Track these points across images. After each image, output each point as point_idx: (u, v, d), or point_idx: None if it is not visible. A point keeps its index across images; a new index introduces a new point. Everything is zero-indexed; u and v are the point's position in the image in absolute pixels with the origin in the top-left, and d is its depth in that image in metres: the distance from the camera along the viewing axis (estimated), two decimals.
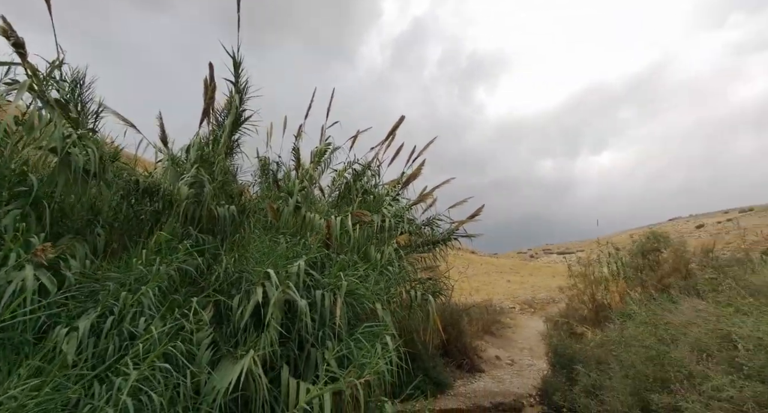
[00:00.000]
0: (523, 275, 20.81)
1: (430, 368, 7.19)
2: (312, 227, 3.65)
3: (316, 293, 2.82)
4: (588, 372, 5.45)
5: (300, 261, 2.87)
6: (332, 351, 2.48)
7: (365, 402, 2.60)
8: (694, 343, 3.68)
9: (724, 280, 3.81)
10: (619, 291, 10.14)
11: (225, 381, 2.02)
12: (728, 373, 3.06)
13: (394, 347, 2.94)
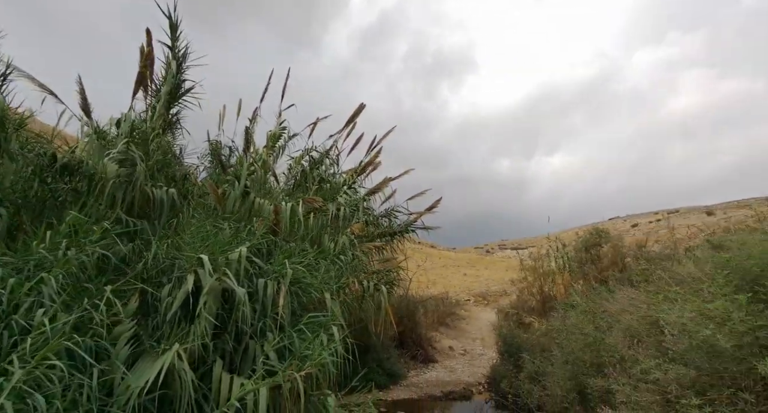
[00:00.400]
0: (479, 269, 21.50)
1: (384, 359, 7.19)
2: (260, 213, 3.43)
3: (258, 281, 2.63)
4: (533, 359, 5.67)
5: (242, 248, 2.67)
6: (272, 343, 2.32)
7: (307, 396, 2.47)
8: (627, 329, 3.90)
9: (654, 271, 4.06)
10: (564, 283, 10.70)
11: (142, 379, 1.80)
12: (655, 357, 3.26)
13: (341, 338, 2.82)
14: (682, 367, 3.00)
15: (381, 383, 6.71)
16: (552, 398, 4.71)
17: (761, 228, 4.11)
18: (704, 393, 2.87)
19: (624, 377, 3.55)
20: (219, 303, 2.39)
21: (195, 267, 2.31)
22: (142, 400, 1.87)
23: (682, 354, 3.13)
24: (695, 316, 2.97)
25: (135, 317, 2.28)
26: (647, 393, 3.22)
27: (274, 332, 2.44)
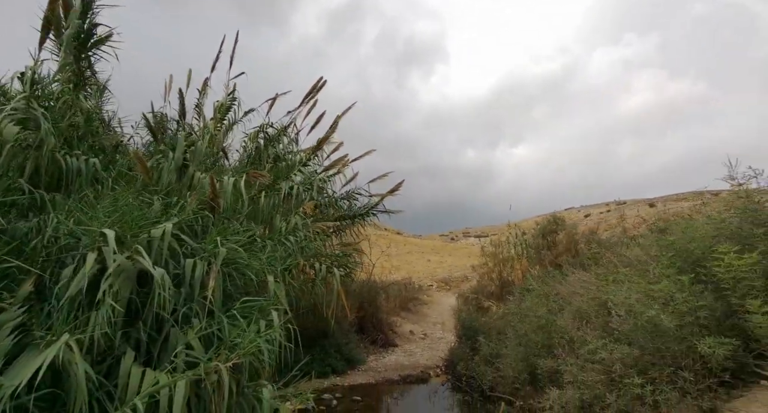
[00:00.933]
0: (443, 256, 21.80)
1: (343, 344, 7.04)
2: (198, 187, 3.07)
3: (186, 262, 2.32)
4: (488, 342, 5.71)
5: (166, 224, 2.34)
6: (194, 330, 2.04)
7: (239, 389, 2.22)
8: (576, 311, 3.93)
9: (604, 254, 4.10)
10: (521, 269, 10.99)
11: (19, 376, 1.48)
12: (602, 338, 3.28)
13: (282, 323, 2.58)
14: (626, 347, 3.01)
15: (339, 368, 6.57)
16: (504, 379, 4.75)
17: (698, 217, 4.24)
18: (646, 372, 2.91)
19: (572, 357, 3.57)
20: (133, 287, 2.07)
21: (100, 244, 1.97)
22: (24, 400, 1.54)
23: (626, 334, 3.16)
24: (641, 297, 2.98)
25: (27, 303, 1.91)
26: (593, 372, 3.24)
27: (200, 318, 2.16)
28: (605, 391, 3.07)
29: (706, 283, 2.92)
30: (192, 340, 2.03)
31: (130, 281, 2.04)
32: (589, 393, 3.17)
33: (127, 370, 1.85)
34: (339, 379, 6.34)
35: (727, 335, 2.54)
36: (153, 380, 1.84)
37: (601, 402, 3.13)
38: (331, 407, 5.08)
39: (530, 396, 4.37)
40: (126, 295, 2.00)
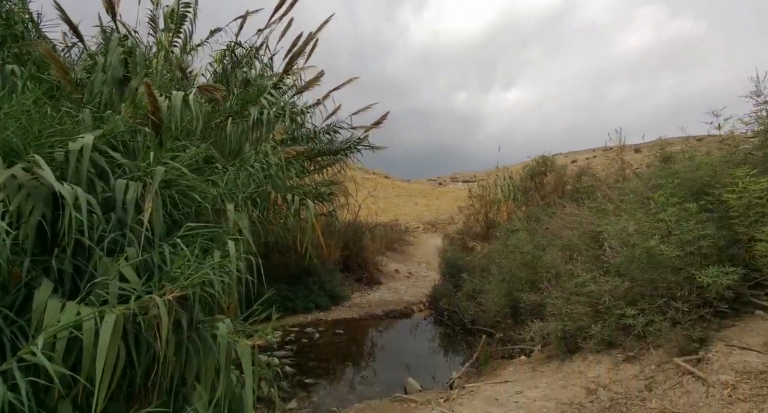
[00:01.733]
0: (431, 199, 21.74)
1: (326, 281, 7.01)
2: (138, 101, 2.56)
3: (117, 182, 1.92)
4: (472, 279, 5.67)
5: (88, 136, 1.89)
6: (127, 259, 1.70)
7: (193, 324, 1.95)
8: (566, 245, 3.74)
9: (599, 188, 3.81)
10: (507, 211, 10.90)
11: None
12: (591, 271, 3.11)
13: (240, 254, 2.26)
14: (617, 278, 2.83)
15: (323, 304, 6.56)
16: (486, 313, 4.74)
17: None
18: (635, 303, 2.75)
19: (557, 291, 3.44)
20: (46, 209, 1.67)
21: None
22: None
23: (617, 267, 2.97)
24: (640, 228, 2.72)
25: None
26: (578, 305, 3.10)
27: (136, 246, 1.82)
28: (590, 322, 2.95)
29: (711, 211, 2.67)
30: (124, 270, 1.70)
31: (39, 201, 1.65)
32: (572, 324, 3.06)
33: (41, 303, 1.52)
34: (323, 314, 6.35)
35: (727, 265, 2.34)
36: (72, 312, 1.52)
37: (584, 333, 3.04)
38: (314, 339, 5.08)
39: (511, 329, 4.37)
40: (36, 218, 1.62)
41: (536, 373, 3.14)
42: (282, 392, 3.54)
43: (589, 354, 2.98)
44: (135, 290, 1.68)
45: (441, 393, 2.89)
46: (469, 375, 3.56)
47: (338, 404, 3.29)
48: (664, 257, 2.47)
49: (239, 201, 2.64)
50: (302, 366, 4.19)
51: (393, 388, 3.65)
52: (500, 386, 2.97)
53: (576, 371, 2.89)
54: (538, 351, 3.68)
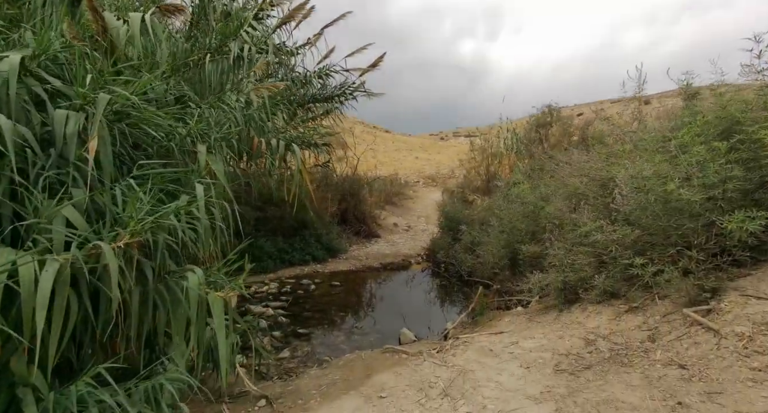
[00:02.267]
0: (431, 154, 21.22)
1: (323, 234, 6.90)
2: None
3: (56, 113, 1.62)
4: (470, 231, 5.52)
5: (12, 55, 1.57)
6: (64, 203, 1.46)
7: (158, 274, 1.76)
8: (572, 193, 3.48)
9: (612, 132, 3.47)
10: (509, 164, 10.54)
11: None
12: (597, 220, 2.89)
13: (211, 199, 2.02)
14: (626, 228, 2.61)
15: (319, 257, 6.49)
16: (483, 265, 4.63)
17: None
18: (644, 252, 2.56)
19: (560, 242, 3.25)
20: None
21: None
22: None
23: (627, 215, 2.74)
24: (657, 170, 2.45)
25: None
26: (582, 255, 2.92)
27: (82, 187, 1.57)
28: (593, 273, 2.78)
29: (739, 151, 2.37)
30: (68, 213, 1.47)
31: None
32: (574, 275, 2.90)
33: None
34: (320, 267, 6.30)
35: (753, 210, 2.09)
36: (9, 260, 1.31)
37: (586, 284, 2.89)
38: (310, 291, 5.03)
39: (508, 280, 4.28)
40: None
41: (533, 324, 3.04)
42: (275, 341, 3.50)
43: (589, 305, 2.85)
44: (81, 237, 1.46)
45: (434, 344, 2.81)
46: (464, 326, 3.49)
47: (331, 353, 3.25)
48: (682, 202, 2.22)
49: (212, 143, 2.35)
50: (297, 317, 4.15)
51: (387, 338, 3.60)
52: (495, 337, 2.87)
53: (574, 322, 2.78)
54: (536, 302, 3.59)
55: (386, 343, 3.48)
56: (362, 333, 3.72)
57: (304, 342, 3.50)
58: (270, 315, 4.12)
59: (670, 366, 1.85)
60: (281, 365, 3.02)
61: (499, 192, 6.30)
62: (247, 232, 6.09)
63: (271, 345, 3.40)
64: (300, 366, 3.01)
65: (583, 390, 1.86)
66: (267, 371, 2.91)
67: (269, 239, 6.19)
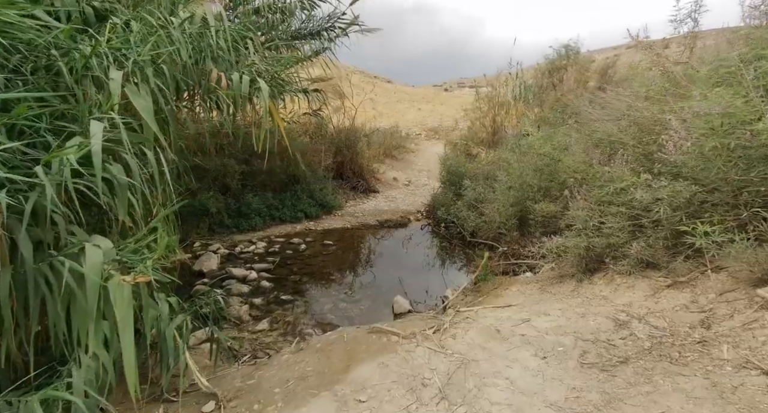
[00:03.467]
0: (435, 105, 19.94)
1: (316, 190, 6.34)
2: None
3: None
4: (474, 186, 4.93)
5: None
6: None
7: (40, 250, 1.21)
8: (601, 142, 2.84)
9: (657, 62, 2.72)
10: (517, 114, 9.64)
11: None
12: (637, 173, 2.28)
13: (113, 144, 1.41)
14: (681, 182, 2.01)
15: (312, 213, 5.98)
16: (488, 225, 4.10)
17: None
18: (699, 214, 1.99)
19: (584, 200, 2.66)
20: None
21: None
22: None
23: (677, 166, 2.14)
24: (733, 104, 1.78)
25: None
26: (613, 216, 2.35)
27: None
28: (627, 239, 2.24)
29: None
30: None
31: None
32: (601, 240, 2.36)
33: None
34: (312, 224, 5.82)
35: None
36: None
37: (615, 252, 2.36)
38: (299, 251, 4.59)
39: (516, 242, 3.77)
40: None
41: (546, 296, 2.56)
42: (255, 310, 3.09)
43: (617, 276, 2.34)
44: None
45: (430, 320, 2.36)
46: (465, 294, 3.04)
47: (315, 325, 2.83)
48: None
49: (131, 68, 1.68)
50: (282, 280, 3.72)
51: (379, 307, 3.18)
52: (502, 311, 2.40)
53: (598, 296, 2.28)
54: (549, 268, 3.09)
55: (378, 313, 3.06)
56: (352, 301, 3.29)
57: (287, 311, 3.08)
58: (253, 279, 3.69)
59: (746, 370, 1.36)
60: (257, 339, 2.61)
61: (508, 143, 5.60)
62: (233, 187, 5.54)
63: (250, 314, 2.98)
64: (279, 340, 2.60)
65: (624, 399, 1.39)
66: (240, 347, 2.50)
67: (257, 195, 5.65)
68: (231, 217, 5.26)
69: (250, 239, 5.00)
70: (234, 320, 2.86)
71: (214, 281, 3.60)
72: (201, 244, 4.67)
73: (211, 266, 3.88)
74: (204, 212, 4.96)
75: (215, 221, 5.08)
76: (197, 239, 4.77)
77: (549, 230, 3.55)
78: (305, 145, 6.68)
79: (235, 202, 5.41)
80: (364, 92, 10.92)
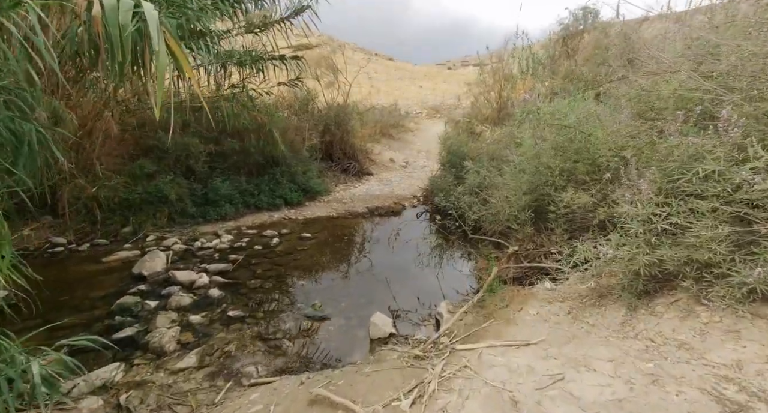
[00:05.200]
0: (437, 82, 18.63)
1: (299, 173, 5.46)
2: None
3: None
4: (478, 169, 4.04)
5: None
6: None
7: None
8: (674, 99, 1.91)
9: None
10: (525, 89, 8.56)
11: None
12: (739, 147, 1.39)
13: None
14: None
15: (293, 200, 5.13)
16: (495, 216, 3.25)
17: None
18: None
19: (647, 187, 1.77)
20: None
21: None
22: None
23: None
24: None
25: None
26: (704, 218, 1.47)
27: None
28: (728, 254, 1.37)
29: None
30: None
31: None
32: (680, 253, 1.49)
33: None
34: (293, 212, 4.98)
35: None
36: None
37: (702, 272, 1.50)
38: (271, 246, 3.77)
39: (530, 240, 2.92)
40: None
41: (580, 327, 1.72)
42: (187, 333, 2.29)
43: (699, 307, 1.48)
44: None
45: (410, 371, 1.54)
46: (467, 311, 2.21)
47: (260, 361, 2.03)
48: None
49: None
50: (239, 287, 2.92)
51: (353, 328, 2.37)
52: (517, 354, 1.58)
53: (673, 339, 1.44)
54: (577, 278, 2.24)
55: (349, 338, 2.25)
56: (320, 318, 2.48)
57: (232, 335, 2.28)
58: (202, 285, 2.88)
59: None
60: (172, 385, 1.81)
61: (517, 116, 4.62)
62: (198, 170, 4.67)
63: (179, 341, 2.18)
64: (202, 387, 1.81)
65: None
66: (142, 400, 1.70)
67: (228, 179, 4.79)
68: (196, 205, 4.42)
69: (215, 231, 4.18)
70: (153, 351, 2.06)
71: (150, 290, 2.80)
72: (156, 238, 3.86)
73: (155, 268, 3.08)
74: (162, 199, 4.13)
75: (176, 210, 4.25)
76: (152, 231, 3.96)
77: (575, 227, 2.69)
78: (284, 121, 5.73)
79: (202, 187, 4.56)
80: (359, 67, 9.80)
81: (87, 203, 3.83)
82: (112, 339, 2.14)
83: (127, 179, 4.07)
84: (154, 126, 4.49)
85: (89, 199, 3.82)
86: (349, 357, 2.07)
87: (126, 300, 2.56)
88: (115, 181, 3.96)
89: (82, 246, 3.58)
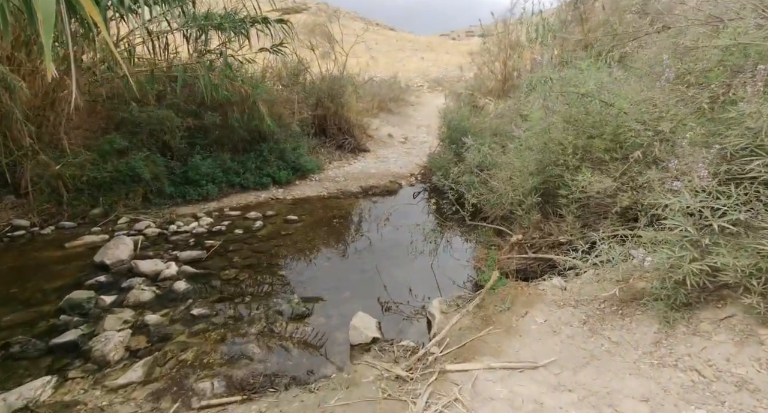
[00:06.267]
0: (439, 54, 17.57)
1: (289, 150, 5.02)
2: None
3: None
4: (480, 146, 3.58)
5: None
6: None
7: None
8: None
9: None
10: (532, 58, 7.86)
11: None
12: None
13: None
14: None
15: (282, 178, 4.72)
16: (499, 199, 2.84)
17: None
18: None
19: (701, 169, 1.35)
20: None
21: None
22: None
23: None
24: None
25: None
26: None
27: None
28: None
29: None
30: None
31: None
32: (742, 260, 1.10)
33: None
34: (282, 192, 4.58)
35: None
36: None
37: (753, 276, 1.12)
38: (253, 230, 3.41)
39: (537, 228, 2.53)
40: None
41: (599, 344, 1.37)
42: (139, 337, 1.97)
43: (758, 328, 1.11)
44: None
45: (385, 406, 1.21)
46: (462, 315, 1.86)
47: (221, 373, 1.71)
48: None
49: None
50: (210, 278, 2.59)
51: (333, 329, 2.04)
52: (522, 381, 1.23)
53: (728, 373, 1.08)
54: (593, 274, 1.87)
55: (328, 343, 1.93)
56: (297, 317, 2.15)
57: (192, 339, 1.96)
58: (168, 277, 2.55)
59: None
60: (105, 409, 1.50)
61: (527, 84, 4.07)
62: (175, 146, 4.23)
63: (127, 347, 1.86)
64: (143, 410, 1.49)
65: None
66: None
67: (211, 156, 4.36)
68: (175, 184, 4.02)
69: (195, 212, 3.81)
70: (95, 360, 1.74)
71: (110, 282, 2.47)
72: (128, 221, 3.50)
73: (119, 256, 2.74)
74: (135, 178, 3.73)
75: (152, 190, 3.86)
76: (125, 213, 3.59)
77: (590, 213, 2.28)
78: (271, 92, 5.21)
79: (181, 165, 4.15)
80: (356, 35, 9.03)
81: (51, 181, 3.44)
82: (51, 345, 1.82)
83: (95, 155, 3.66)
84: (126, 98, 4.02)
85: (53, 177, 3.43)
86: (324, 368, 1.75)
87: (77, 295, 2.22)
88: (82, 157, 3.55)
89: (46, 229, 3.23)
